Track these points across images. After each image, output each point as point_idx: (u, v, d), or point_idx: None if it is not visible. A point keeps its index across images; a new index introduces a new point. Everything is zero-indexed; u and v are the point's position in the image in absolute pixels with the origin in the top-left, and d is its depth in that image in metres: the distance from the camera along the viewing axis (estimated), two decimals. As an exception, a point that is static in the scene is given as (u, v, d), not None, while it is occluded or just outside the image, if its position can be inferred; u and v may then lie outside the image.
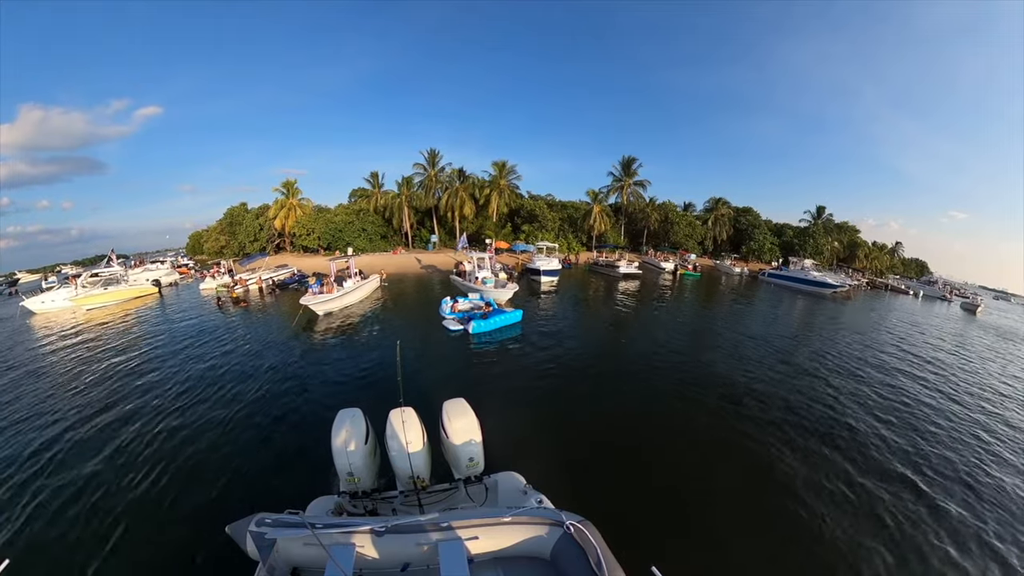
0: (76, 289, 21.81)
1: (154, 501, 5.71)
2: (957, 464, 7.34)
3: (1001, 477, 7.04)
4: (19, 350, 14.07)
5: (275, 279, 27.29)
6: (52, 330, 16.97)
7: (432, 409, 4.12)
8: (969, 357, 15.44)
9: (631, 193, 48.20)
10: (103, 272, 24.27)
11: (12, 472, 6.43)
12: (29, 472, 6.42)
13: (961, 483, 6.75)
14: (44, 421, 8.24)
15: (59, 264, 58.83)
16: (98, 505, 5.63)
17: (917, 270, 56.73)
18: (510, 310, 16.09)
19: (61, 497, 5.79)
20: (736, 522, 5.43)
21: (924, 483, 6.66)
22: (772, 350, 13.93)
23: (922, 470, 7.05)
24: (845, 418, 8.80)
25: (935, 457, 7.52)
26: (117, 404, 8.99)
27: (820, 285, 31.41)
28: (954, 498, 6.33)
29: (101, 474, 6.34)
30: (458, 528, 2.33)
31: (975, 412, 9.80)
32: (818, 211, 51.72)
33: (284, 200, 42.41)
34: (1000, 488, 6.71)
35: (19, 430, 7.87)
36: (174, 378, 10.55)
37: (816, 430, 8.15)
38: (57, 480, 6.19)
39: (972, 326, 23.87)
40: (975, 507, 6.14)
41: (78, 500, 5.72)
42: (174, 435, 7.52)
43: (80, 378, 10.83)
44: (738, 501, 5.86)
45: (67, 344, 14.52)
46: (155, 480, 6.16)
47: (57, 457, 6.86)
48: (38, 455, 6.92)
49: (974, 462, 7.44)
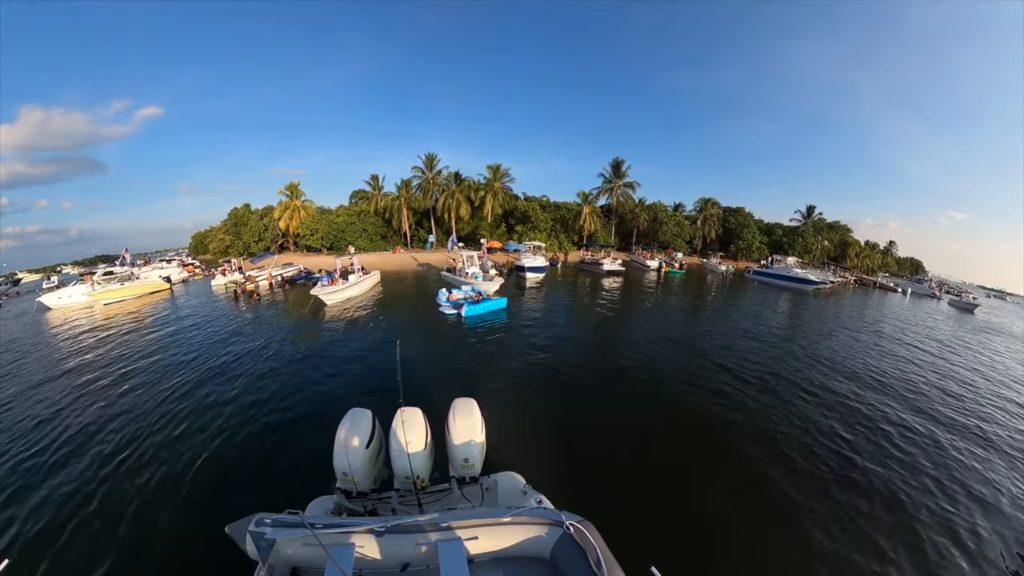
0: (92, 285, 23.43)
1: (153, 501, 5.66)
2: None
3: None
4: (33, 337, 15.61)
5: (283, 275, 29.01)
6: (77, 323, 18.41)
7: (438, 406, 4.12)
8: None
9: (621, 194, 49.62)
10: (117, 270, 26.04)
11: (12, 471, 6.37)
12: (28, 472, 6.35)
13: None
14: (44, 418, 8.21)
15: (59, 264, 60.04)
16: (97, 504, 5.58)
17: (912, 269, 57.63)
18: (496, 298, 18.47)
19: (60, 496, 5.74)
20: (736, 522, 5.42)
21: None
22: (762, 343, 14.43)
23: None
24: (845, 419, 8.63)
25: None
26: (119, 401, 9.00)
27: (802, 282, 32.37)
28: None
29: (101, 473, 6.27)
30: (458, 528, 2.32)
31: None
32: (808, 211, 52.90)
33: (288, 202, 43.98)
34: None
35: (18, 429, 7.79)
36: (177, 370, 10.82)
37: (817, 430, 8.05)
38: (56, 479, 6.13)
39: (953, 322, 24.70)
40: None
41: (78, 499, 5.67)
42: (175, 433, 7.49)
43: (90, 369, 11.13)
44: (738, 501, 5.84)
45: (97, 336, 15.90)
46: (155, 479, 6.12)
47: (56, 456, 6.77)
48: (38, 454, 6.84)
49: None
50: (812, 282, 32.00)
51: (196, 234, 63.64)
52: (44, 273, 48.19)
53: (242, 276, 27.01)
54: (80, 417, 8.22)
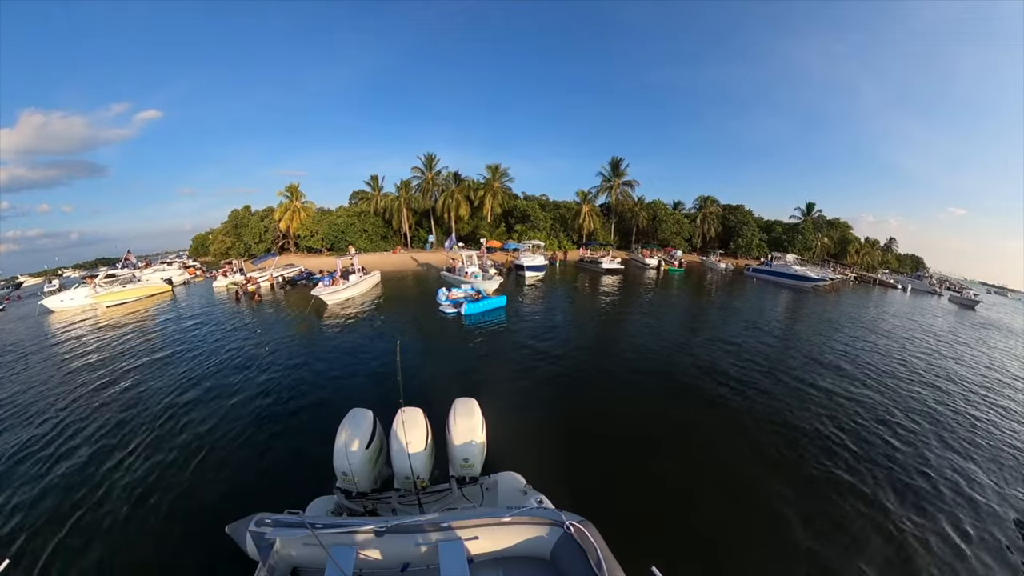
0: (95, 288, 23.60)
1: (153, 500, 5.66)
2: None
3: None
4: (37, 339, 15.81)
5: (284, 276, 29.21)
6: (80, 325, 18.62)
7: (438, 406, 4.14)
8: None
9: (620, 193, 49.73)
10: (119, 273, 26.24)
11: (12, 471, 6.37)
12: (28, 471, 6.34)
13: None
14: (45, 415, 8.28)
15: (60, 268, 60.21)
16: (97, 504, 5.57)
17: (912, 266, 57.49)
18: (496, 296, 18.59)
19: (59, 495, 5.73)
20: (737, 521, 5.42)
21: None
22: (757, 340, 14.47)
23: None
24: (848, 420, 8.57)
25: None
26: (120, 401, 9.04)
27: (801, 279, 32.43)
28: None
29: (100, 472, 6.26)
30: (458, 528, 2.32)
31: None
32: (808, 208, 52.87)
33: (288, 203, 44.20)
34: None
35: (17, 428, 7.83)
36: (181, 369, 10.92)
37: (816, 429, 8.03)
38: (56, 478, 6.13)
39: (952, 317, 24.70)
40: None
41: (78, 499, 5.66)
42: (175, 432, 7.52)
43: (97, 369, 11.31)
44: (739, 501, 5.83)
45: (99, 337, 16.12)
46: (154, 479, 6.11)
47: (55, 455, 6.77)
48: (37, 453, 6.84)
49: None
50: (811, 279, 32.06)
51: (196, 236, 64.12)
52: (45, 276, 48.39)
53: (243, 277, 27.20)
54: (80, 417, 8.23)
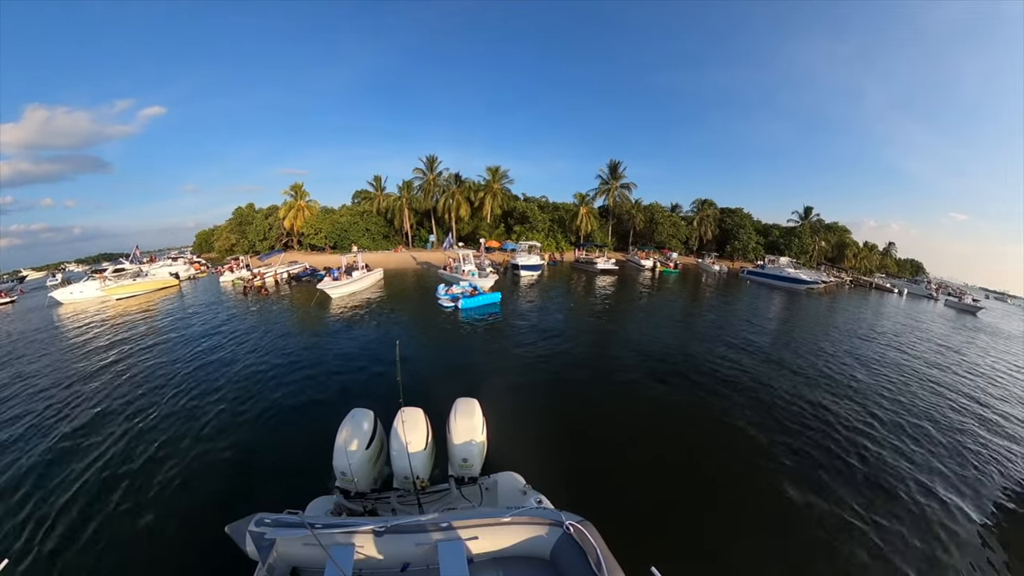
0: (105, 281, 24.54)
1: (153, 499, 5.63)
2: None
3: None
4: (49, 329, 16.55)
5: (289, 272, 30.07)
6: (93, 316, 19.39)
7: (438, 405, 4.14)
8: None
9: (618, 195, 50.32)
10: (128, 266, 27.23)
11: (11, 470, 6.34)
12: (28, 471, 6.31)
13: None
14: (44, 416, 8.22)
15: (63, 262, 60.73)
16: (97, 503, 5.55)
17: (912, 270, 57.62)
18: (491, 293, 19.59)
19: (59, 495, 5.71)
20: (737, 521, 5.43)
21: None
22: (745, 339, 14.68)
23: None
24: (844, 419, 8.63)
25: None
26: (126, 395, 9.10)
27: (794, 281, 32.87)
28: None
29: (100, 472, 6.24)
30: (458, 528, 2.33)
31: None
32: (805, 211, 53.16)
33: (293, 202, 45.13)
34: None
35: (17, 428, 7.76)
36: (183, 366, 10.99)
37: (819, 429, 8.08)
38: (55, 477, 6.11)
39: (947, 323, 24.54)
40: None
41: (78, 498, 5.65)
42: (175, 430, 7.49)
43: (100, 363, 11.39)
44: (739, 500, 5.86)
45: (110, 327, 16.85)
46: (154, 478, 6.08)
47: (54, 454, 6.76)
48: (37, 453, 6.82)
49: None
50: (804, 282, 32.52)
51: (200, 232, 64.90)
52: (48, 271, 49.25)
53: (250, 273, 28.08)
54: (83, 413, 8.25)
